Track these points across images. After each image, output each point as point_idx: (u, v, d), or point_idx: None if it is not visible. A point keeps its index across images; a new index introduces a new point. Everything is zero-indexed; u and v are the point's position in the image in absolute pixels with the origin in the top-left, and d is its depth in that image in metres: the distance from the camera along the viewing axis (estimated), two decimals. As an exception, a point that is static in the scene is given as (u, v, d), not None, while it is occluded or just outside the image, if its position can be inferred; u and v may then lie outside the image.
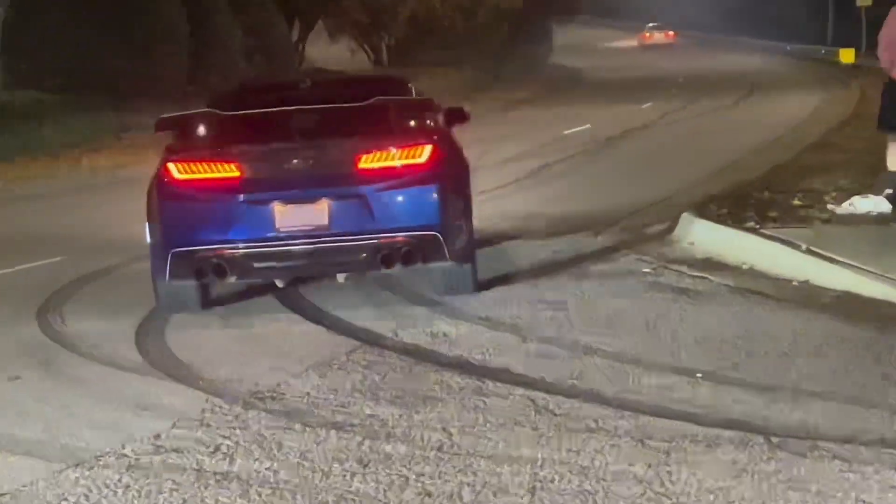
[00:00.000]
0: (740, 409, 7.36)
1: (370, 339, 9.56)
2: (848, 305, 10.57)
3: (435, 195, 11.57)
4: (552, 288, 11.48)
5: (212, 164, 11.39)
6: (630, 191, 19.27)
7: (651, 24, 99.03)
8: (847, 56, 58.07)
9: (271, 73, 34.02)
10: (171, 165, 11.42)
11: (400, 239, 11.21)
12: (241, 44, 32.17)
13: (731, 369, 8.43)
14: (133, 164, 25.62)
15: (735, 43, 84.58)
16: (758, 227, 13.98)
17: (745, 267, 12.61)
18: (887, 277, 11.33)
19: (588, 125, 33.04)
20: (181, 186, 11.45)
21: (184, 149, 11.97)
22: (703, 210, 15.24)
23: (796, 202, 15.77)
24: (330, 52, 48.95)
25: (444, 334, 9.67)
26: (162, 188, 11.50)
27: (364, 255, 11.25)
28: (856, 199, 15.10)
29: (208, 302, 11.77)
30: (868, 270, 11.48)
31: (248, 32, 32.63)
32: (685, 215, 15.02)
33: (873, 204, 14.79)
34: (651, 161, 23.51)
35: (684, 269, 12.51)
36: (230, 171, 11.43)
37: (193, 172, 11.42)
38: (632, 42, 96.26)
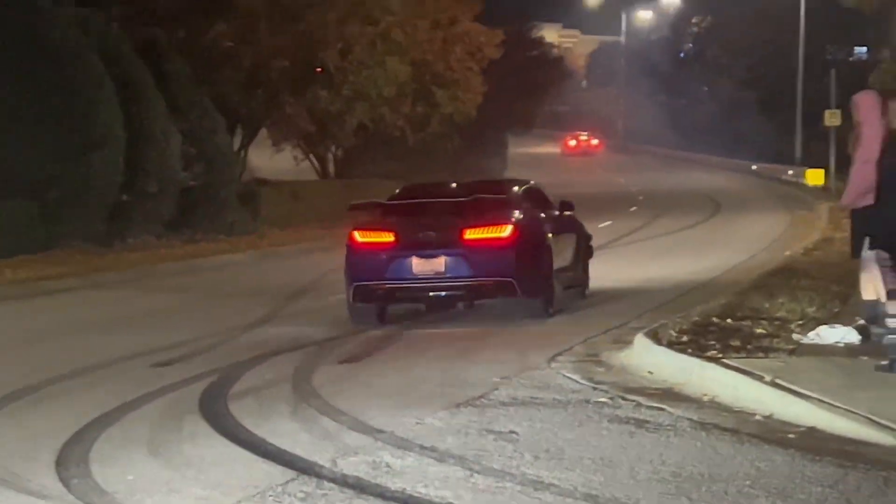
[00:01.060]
0: None
1: (307, 469, 9.06)
2: (813, 442, 10.54)
3: (512, 256, 18.53)
4: (502, 416, 11.15)
5: (377, 233, 19.30)
6: (587, 314, 19.38)
7: (574, 133, 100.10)
8: (815, 178, 58.51)
9: (210, 185, 34.21)
10: (355, 232, 19.28)
11: (487, 282, 18.78)
12: (179, 151, 31.99)
13: None
14: (60, 275, 25.29)
15: (699, 160, 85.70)
16: (720, 356, 13.84)
17: (706, 398, 12.41)
18: (855, 413, 11.14)
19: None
20: (360, 245, 19.08)
21: (362, 222, 20.22)
22: (663, 336, 15.08)
23: (760, 330, 15.69)
24: (274, 160, 49.13)
25: (388, 465, 9.15)
26: (349, 245, 19.21)
27: (463, 291, 19.33)
28: (823, 329, 15.05)
29: (385, 320, 18.84)
30: (835, 405, 11.41)
31: (187, 139, 32.54)
32: (642, 341, 14.94)
33: (841, 334, 14.73)
34: (608, 283, 23.36)
35: (642, 399, 12.36)
36: (387, 237, 19.05)
37: (367, 237, 19.23)
38: (555, 149, 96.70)
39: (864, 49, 54.87)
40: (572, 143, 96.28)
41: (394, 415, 11.24)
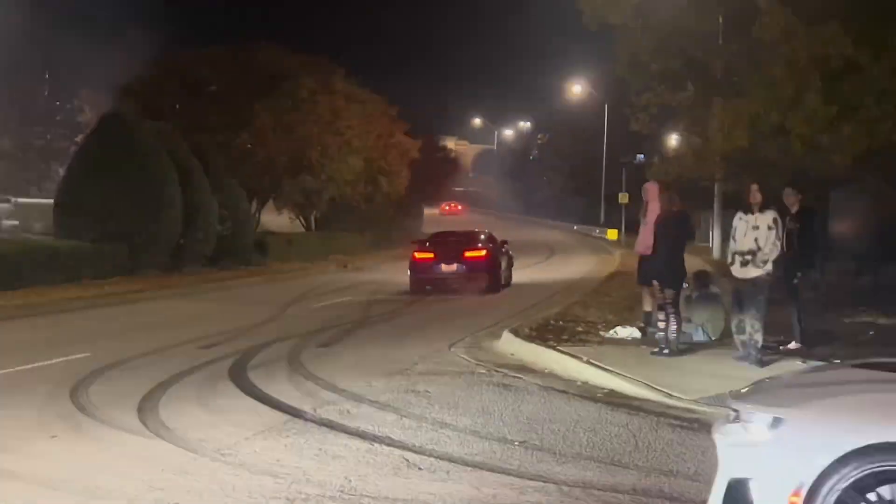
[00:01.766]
0: (542, 466, 7.51)
1: (298, 414, 9.48)
2: (613, 398, 10.77)
3: (487, 264, 25.23)
4: (420, 381, 11.42)
5: (424, 252, 25.65)
6: (471, 319, 18.90)
7: (447, 201, 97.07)
8: (612, 234, 59.92)
9: (236, 234, 33.79)
10: (415, 253, 25.66)
11: (475, 276, 24.66)
12: (217, 213, 31.82)
13: (537, 439, 8.53)
14: (140, 290, 25.09)
15: (540, 222, 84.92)
16: (555, 344, 13.97)
17: (546, 371, 12.55)
18: (638, 381, 11.29)
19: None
20: (416, 259, 25.34)
21: (416, 249, 26.19)
22: (520, 332, 15.11)
23: (579, 329, 15.78)
24: (276, 220, 48.47)
25: (349, 412, 9.61)
26: (412, 258, 25.51)
27: (464, 281, 24.39)
28: (618, 328, 15.34)
29: (427, 292, 24.47)
30: (626, 376, 11.63)
31: (222, 205, 32.39)
32: (507, 335, 15.05)
33: (629, 332, 15.02)
34: (480, 300, 23.41)
35: (507, 371, 12.50)
36: (430, 255, 25.43)
37: (420, 255, 25.48)
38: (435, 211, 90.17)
39: (642, 156, 55.51)
40: (446, 207, 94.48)
41: (353, 380, 11.45)
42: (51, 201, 31.82)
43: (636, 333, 14.87)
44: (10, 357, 12.90)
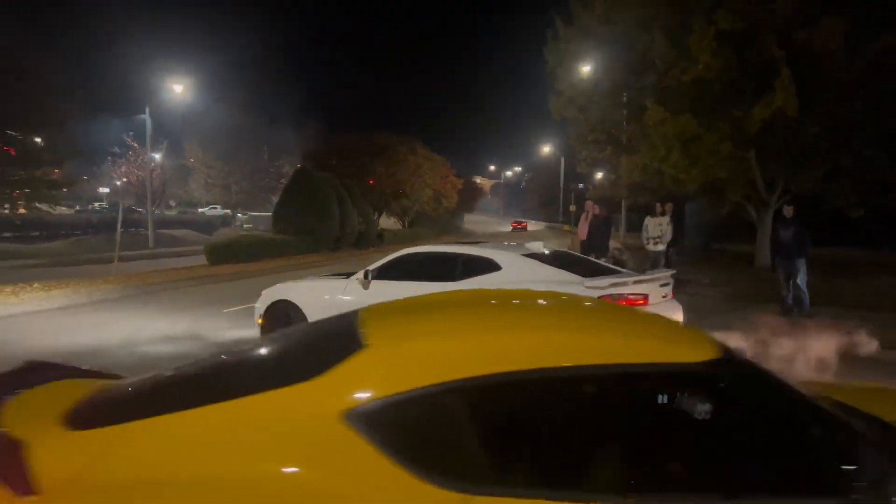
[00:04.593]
0: None
1: None
2: None
3: None
4: None
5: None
6: None
7: (516, 221, 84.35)
8: (567, 227, 58.76)
9: (367, 230, 33.46)
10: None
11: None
12: (357, 219, 31.72)
13: None
14: (317, 261, 24.66)
15: (527, 221, 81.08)
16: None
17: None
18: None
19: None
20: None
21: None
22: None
23: None
24: (387, 222, 47.53)
25: None
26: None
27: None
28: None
29: None
30: None
31: (359, 214, 32.22)
32: None
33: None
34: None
35: None
36: None
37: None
38: (497, 225, 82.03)
39: (582, 185, 54.88)
40: (516, 223, 77.86)
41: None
42: (269, 214, 32.51)
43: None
44: (248, 300, 12.22)
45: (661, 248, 12.64)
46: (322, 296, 6.87)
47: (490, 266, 6.09)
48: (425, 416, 1.81)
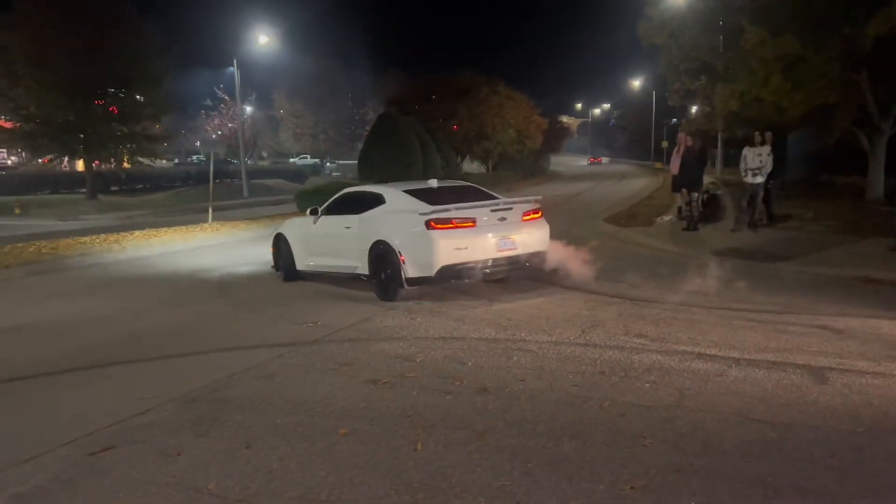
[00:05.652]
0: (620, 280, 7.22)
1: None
2: (654, 251, 10.41)
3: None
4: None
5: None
6: (580, 216, 18.60)
7: (592, 155, 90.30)
8: (659, 165, 56.15)
9: (449, 174, 33.71)
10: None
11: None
12: (439, 163, 32.00)
13: (621, 266, 8.23)
14: None
15: (617, 160, 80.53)
16: (625, 225, 13.83)
17: (622, 238, 12.48)
18: (671, 242, 11.15)
19: (561, 192, 31.98)
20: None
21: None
22: (608, 219, 14.99)
23: (640, 217, 15.36)
24: (470, 166, 47.82)
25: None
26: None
27: None
28: (662, 216, 14.93)
29: None
30: (666, 240, 11.32)
31: (441, 158, 32.37)
32: (601, 221, 14.72)
33: (668, 218, 14.68)
34: (585, 205, 23.06)
35: (604, 238, 12.21)
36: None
37: None
38: (584, 162, 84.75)
39: (675, 119, 52.41)
40: (592, 159, 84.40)
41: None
42: (355, 161, 33.22)
43: (673, 219, 14.65)
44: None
45: (759, 180, 12.03)
46: (295, 229, 9.46)
47: (380, 200, 8.07)
48: None
